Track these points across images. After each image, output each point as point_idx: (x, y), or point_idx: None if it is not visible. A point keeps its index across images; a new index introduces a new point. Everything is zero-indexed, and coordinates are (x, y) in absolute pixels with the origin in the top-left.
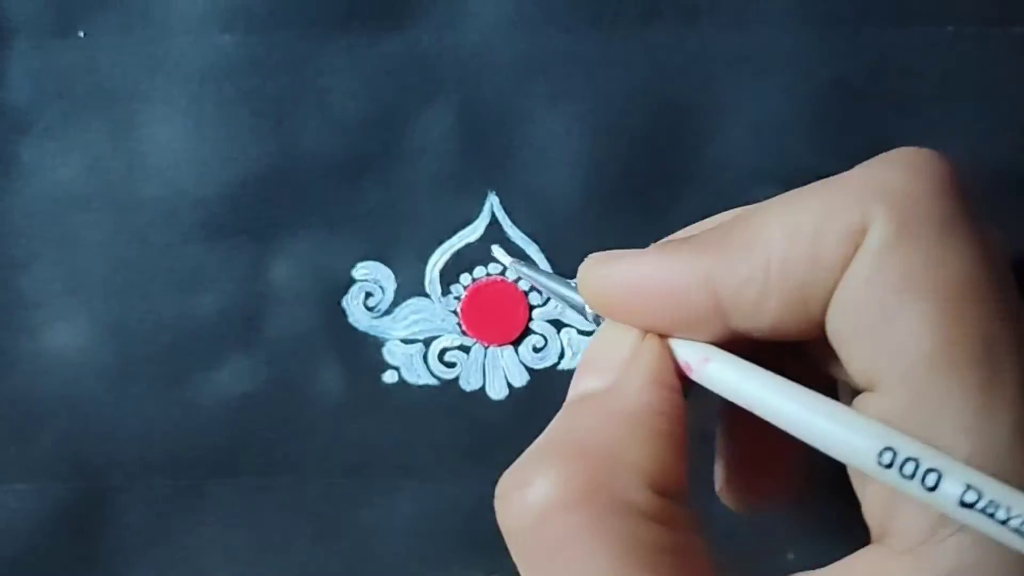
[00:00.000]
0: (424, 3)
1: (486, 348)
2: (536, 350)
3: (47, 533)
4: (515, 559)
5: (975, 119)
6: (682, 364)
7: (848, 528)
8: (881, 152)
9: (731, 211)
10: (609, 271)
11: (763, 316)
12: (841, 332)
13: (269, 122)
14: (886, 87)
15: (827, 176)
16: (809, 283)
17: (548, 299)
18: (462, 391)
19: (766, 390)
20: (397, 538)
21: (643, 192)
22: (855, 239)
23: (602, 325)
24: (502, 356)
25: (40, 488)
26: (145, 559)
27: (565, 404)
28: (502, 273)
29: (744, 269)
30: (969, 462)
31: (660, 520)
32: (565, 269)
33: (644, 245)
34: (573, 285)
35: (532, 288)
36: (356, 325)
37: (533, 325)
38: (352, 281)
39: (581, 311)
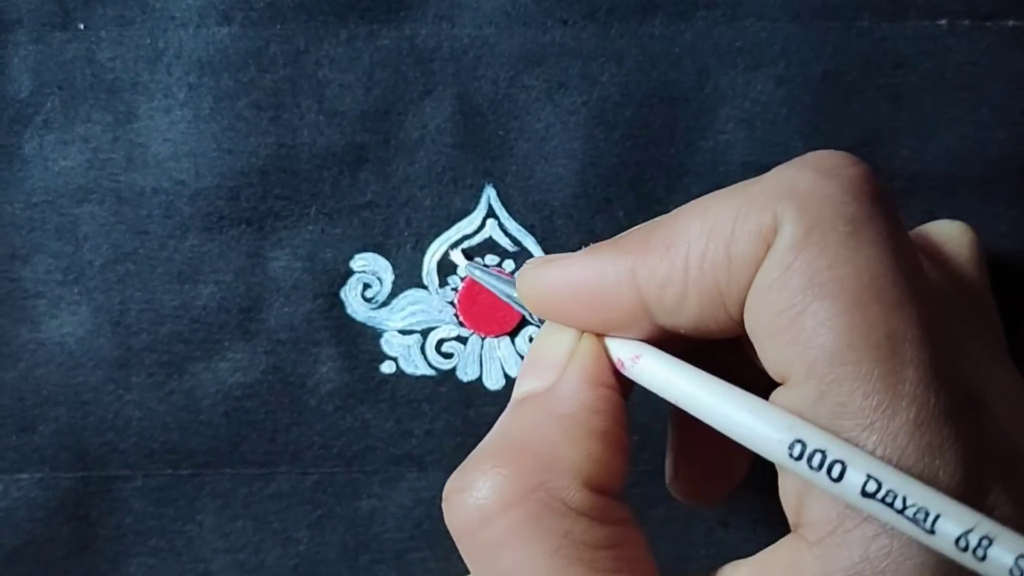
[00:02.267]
0: None
1: (483, 339)
2: (532, 341)
3: (48, 522)
4: (464, 558)
5: (968, 112)
6: (615, 361)
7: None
8: (872, 144)
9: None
10: (543, 275)
11: (685, 313)
12: (755, 328)
13: (268, 114)
14: (879, 80)
15: None
16: (725, 281)
17: None
18: (459, 381)
19: (690, 385)
20: (395, 527)
21: (638, 183)
22: (766, 239)
23: (543, 326)
24: (499, 347)
25: (41, 477)
26: (145, 548)
27: (508, 405)
28: (499, 264)
29: (664, 268)
30: (872, 455)
31: (596, 517)
32: None
33: None
34: None
35: None
36: (354, 316)
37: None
38: (350, 272)
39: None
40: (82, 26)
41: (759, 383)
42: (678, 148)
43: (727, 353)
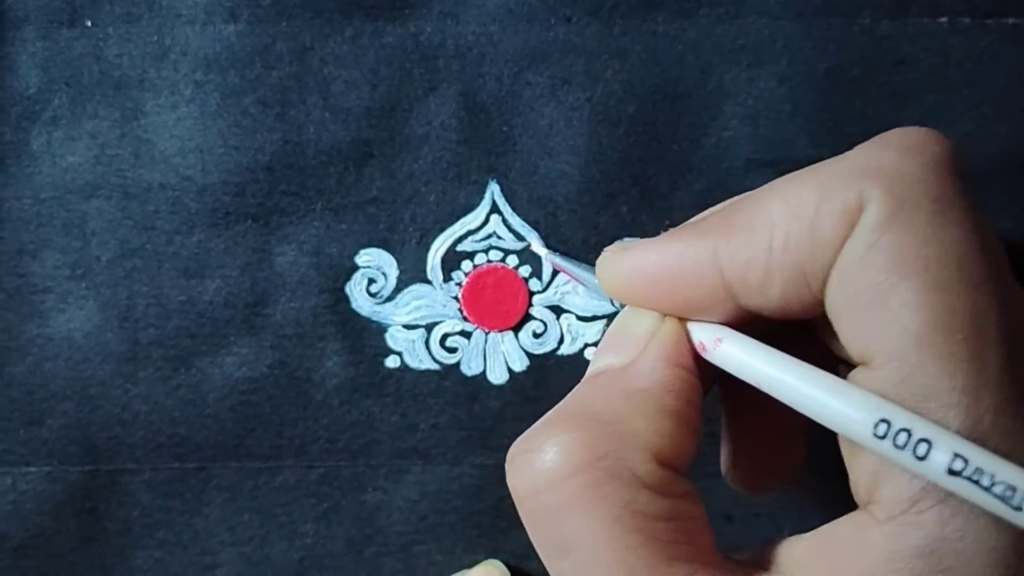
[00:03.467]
0: None
1: (487, 334)
2: (536, 336)
3: (56, 515)
4: (524, 520)
5: (969, 109)
6: (697, 345)
7: (833, 504)
8: None
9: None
10: (622, 262)
11: (769, 294)
12: (837, 309)
13: (274, 110)
14: (881, 77)
15: None
16: (809, 261)
17: (548, 285)
18: (463, 376)
19: (772, 367)
20: (400, 519)
21: (642, 180)
22: (851, 218)
23: (625, 307)
24: (502, 341)
25: (49, 471)
26: (152, 540)
27: (584, 378)
28: (502, 259)
29: (748, 250)
30: (957, 435)
31: (660, 490)
32: (565, 255)
33: (642, 232)
34: None
35: (532, 274)
36: (359, 311)
37: (533, 311)
38: (355, 267)
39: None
40: (89, 23)
41: (834, 369)
42: (681, 145)
43: (804, 338)
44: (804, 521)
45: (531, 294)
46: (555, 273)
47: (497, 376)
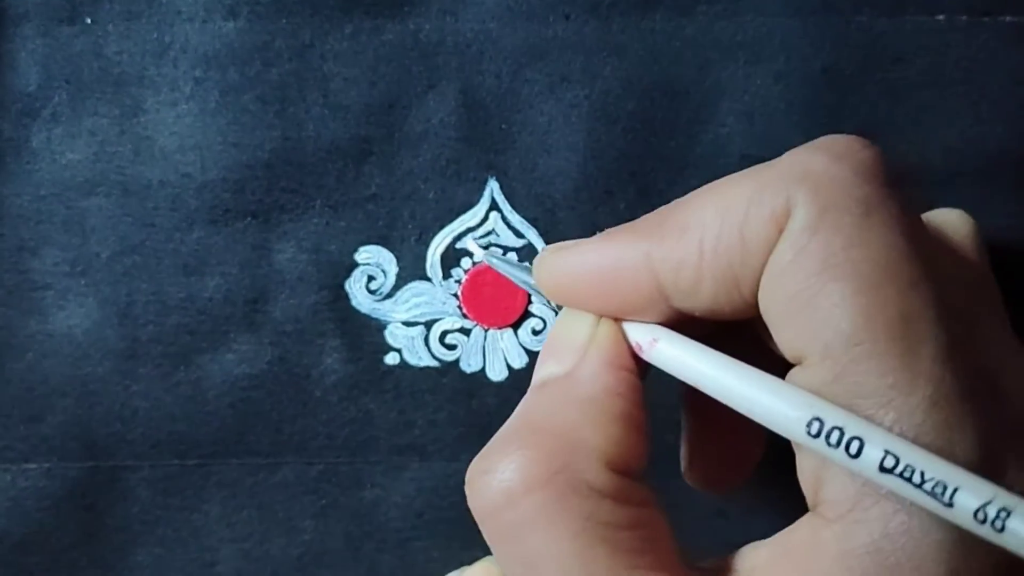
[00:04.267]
0: None
1: (486, 331)
2: (535, 333)
3: (56, 511)
4: (487, 541)
5: (966, 106)
6: (634, 345)
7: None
8: (870, 138)
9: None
10: (559, 261)
11: (700, 296)
12: (770, 310)
13: (273, 107)
14: (878, 75)
15: None
16: (739, 264)
17: None
18: (463, 373)
19: (708, 366)
20: (398, 516)
21: (639, 176)
22: (780, 222)
23: (561, 312)
24: (502, 339)
25: (49, 467)
26: (152, 537)
27: (529, 390)
28: (504, 255)
29: (679, 252)
30: (889, 432)
31: (618, 498)
32: None
33: None
34: None
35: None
36: (359, 308)
37: (532, 308)
38: (355, 265)
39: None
40: (89, 20)
41: (772, 367)
42: (679, 141)
43: (740, 337)
44: (796, 517)
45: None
46: None
47: (496, 373)
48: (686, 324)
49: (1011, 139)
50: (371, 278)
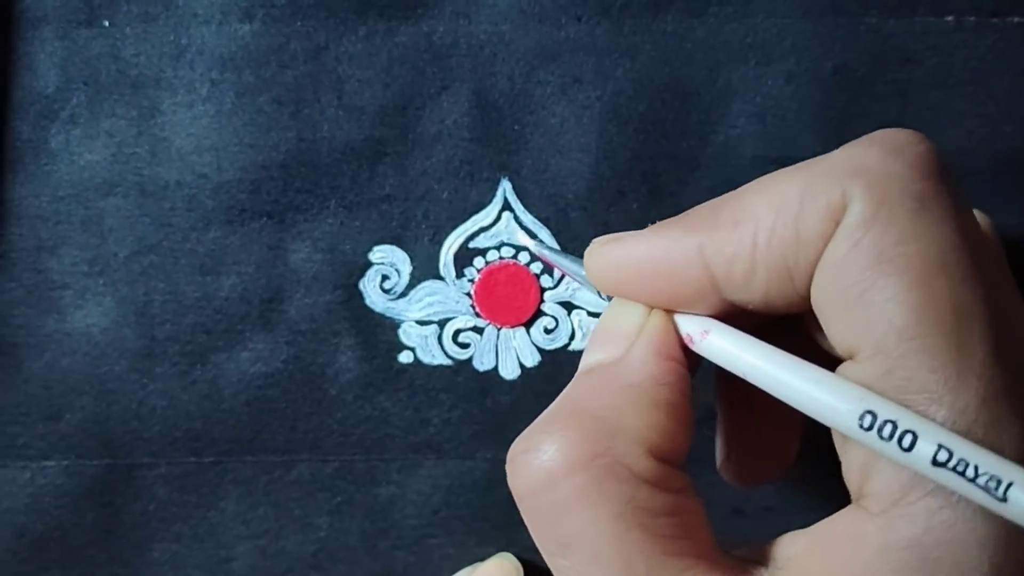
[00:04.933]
0: None
1: (499, 329)
2: (547, 331)
3: (74, 508)
4: (525, 520)
5: (974, 106)
6: (684, 337)
7: (841, 498)
8: None
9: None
10: (610, 253)
11: (753, 288)
12: (823, 304)
13: (288, 109)
14: (887, 75)
15: None
16: (793, 257)
17: (559, 282)
18: (476, 371)
19: (759, 359)
20: (413, 513)
21: (651, 176)
22: (835, 216)
23: (612, 301)
24: (514, 337)
25: (67, 465)
26: (169, 534)
27: (576, 375)
28: (514, 256)
29: (732, 245)
30: (942, 427)
31: (657, 484)
32: (575, 252)
33: None
34: None
35: (544, 271)
36: (373, 307)
37: (544, 307)
38: (369, 264)
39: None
40: (107, 23)
41: (822, 363)
42: (690, 142)
43: (791, 332)
44: (813, 515)
45: (542, 290)
46: None
47: (509, 371)
48: (737, 317)
49: (1019, 138)
50: (385, 277)
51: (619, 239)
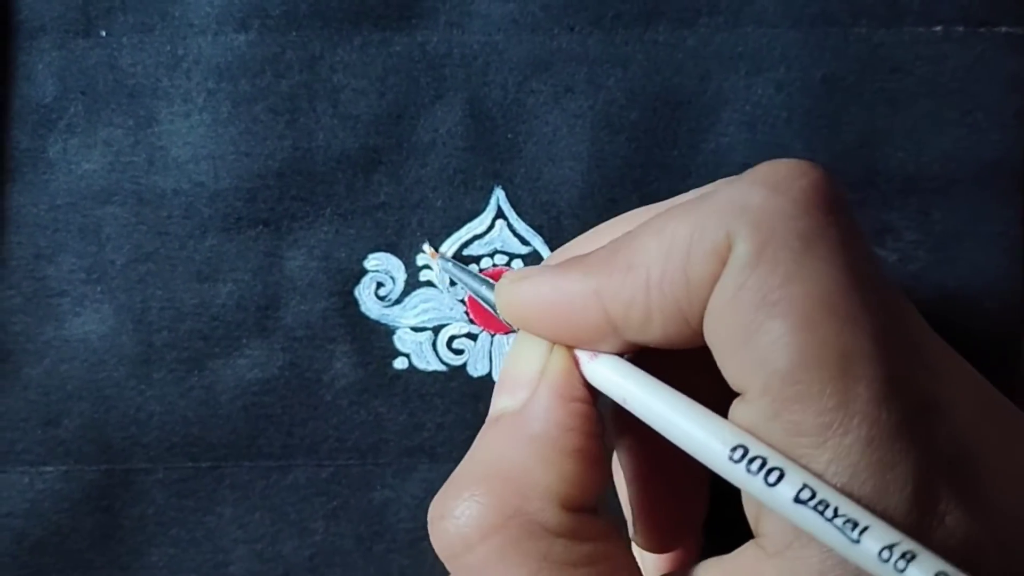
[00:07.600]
0: (433, 3)
1: (492, 336)
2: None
3: (72, 513)
4: None
5: (962, 115)
6: (576, 358)
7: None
8: (869, 146)
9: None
10: (518, 290)
11: (652, 331)
12: (714, 344)
13: (284, 118)
14: (876, 84)
15: None
16: (685, 300)
17: None
18: (470, 377)
19: (639, 389)
20: (408, 517)
21: (642, 185)
22: (722, 257)
23: (514, 340)
24: (508, 343)
25: (66, 470)
26: (166, 538)
27: (484, 425)
28: (508, 264)
29: (627, 289)
30: (825, 473)
31: (574, 535)
32: None
33: None
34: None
35: None
36: (368, 314)
37: None
38: (364, 271)
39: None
40: (104, 33)
41: (734, 396)
42: (681, 150)
43: (705, 365)
44: None
45: None
46: None
47: None
48: (648, 353)
49: (1006, 147)
50: (380, 284)
51: (527, 276)
